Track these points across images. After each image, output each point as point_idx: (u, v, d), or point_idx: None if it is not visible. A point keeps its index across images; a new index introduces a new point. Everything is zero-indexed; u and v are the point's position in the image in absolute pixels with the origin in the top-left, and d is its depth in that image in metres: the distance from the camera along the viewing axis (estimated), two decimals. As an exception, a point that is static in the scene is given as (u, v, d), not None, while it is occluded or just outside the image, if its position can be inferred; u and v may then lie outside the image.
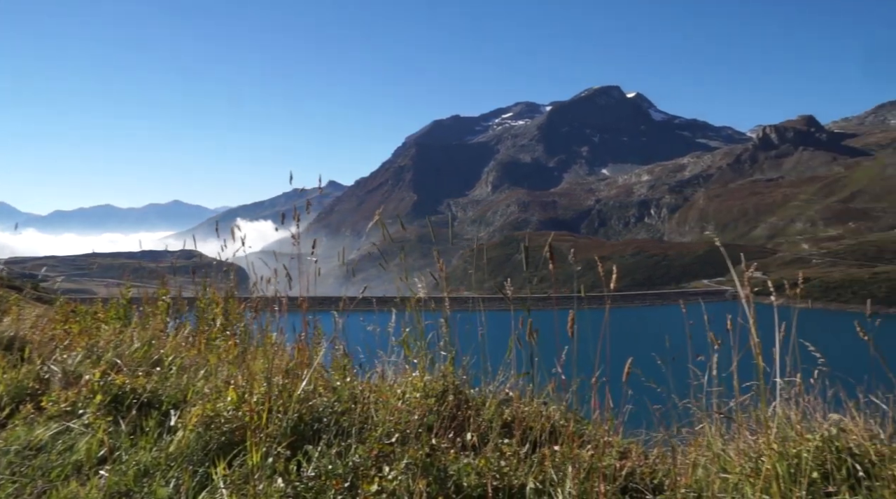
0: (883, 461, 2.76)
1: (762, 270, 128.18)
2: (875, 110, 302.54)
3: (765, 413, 2.59)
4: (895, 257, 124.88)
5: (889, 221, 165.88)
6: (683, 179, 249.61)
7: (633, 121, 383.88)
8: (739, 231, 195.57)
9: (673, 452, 2.58)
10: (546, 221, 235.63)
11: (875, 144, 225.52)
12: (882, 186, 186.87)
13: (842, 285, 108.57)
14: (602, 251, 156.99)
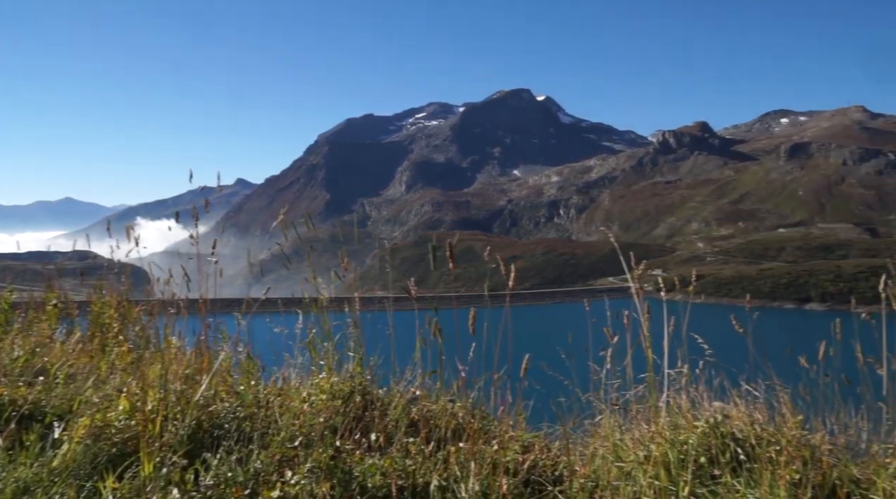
0: (762, 444, 2.98)
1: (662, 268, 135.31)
2: (760, 118, 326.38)
3: (654, 403, 2.73)
4: (778, 255, 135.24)
5: (773, 221, 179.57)
6: (590, 180, 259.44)
7: (542, 123, 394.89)
8: (642, 230, 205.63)
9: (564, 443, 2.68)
10: (459, 220, 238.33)
11: (761, 149, 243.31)
12: (767, 189, 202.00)
13: (732, 281, 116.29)
14: (514, 250, 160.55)
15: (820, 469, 2.78)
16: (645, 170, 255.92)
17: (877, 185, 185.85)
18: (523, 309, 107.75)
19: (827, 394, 3.07)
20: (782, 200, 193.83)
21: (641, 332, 2.69)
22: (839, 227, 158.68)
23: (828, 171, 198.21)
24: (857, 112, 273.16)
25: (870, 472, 2.65)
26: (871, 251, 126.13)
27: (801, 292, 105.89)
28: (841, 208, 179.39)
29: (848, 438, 3.13)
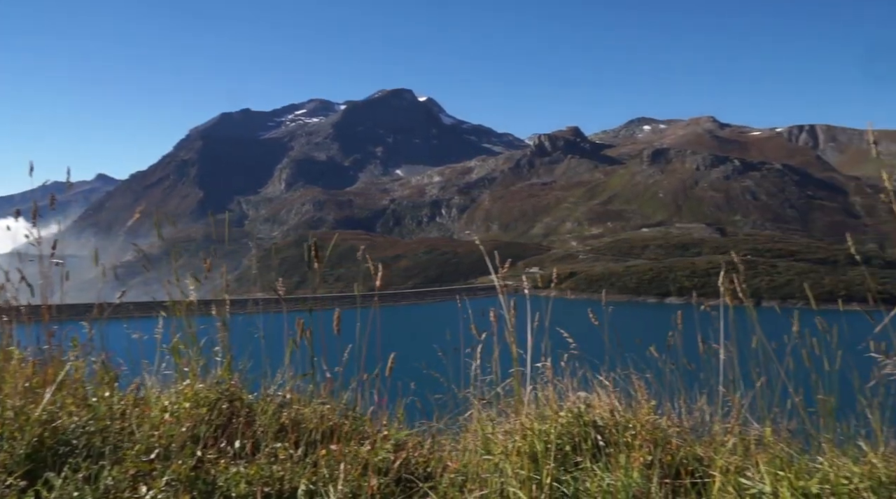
0: (619, 430, 3.18)
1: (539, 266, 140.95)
2: (626, 125, 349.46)
3: (518, 395, 2.84)
4: (642, 253, 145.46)
5: (638, 221, 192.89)
6: (471, 181, 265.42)
7: (424, 124, 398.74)
8: (520, 230, 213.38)
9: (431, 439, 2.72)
10: (342, 220, 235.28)
11: (626, 154, 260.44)
12: (632, 191, 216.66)
13: (602, 278, 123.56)
14: (397, 249, 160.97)
15: (669, 450, 3.01)
16: (522, 172, 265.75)
17: (725, 188, 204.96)
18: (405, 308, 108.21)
19: (675, 380, 3.34)
20: (645, 201, 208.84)
21: (506, 328, 2.79)
22: (693, 227, 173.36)
23: (684, 175, 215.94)
24: (708, 122, 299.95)
25: (711, 450, 2.90)
26: (720, 249, 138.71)
27: (662, 287, 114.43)
28: (695, 210, 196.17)
29: (694, 420, 3.41)
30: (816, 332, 3.11)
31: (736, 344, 3.15)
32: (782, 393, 3.09)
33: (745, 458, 2.73)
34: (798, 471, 2.49)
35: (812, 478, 2.43)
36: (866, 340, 2.80)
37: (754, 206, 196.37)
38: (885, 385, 2.79)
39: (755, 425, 3.10)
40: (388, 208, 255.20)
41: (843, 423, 2.96)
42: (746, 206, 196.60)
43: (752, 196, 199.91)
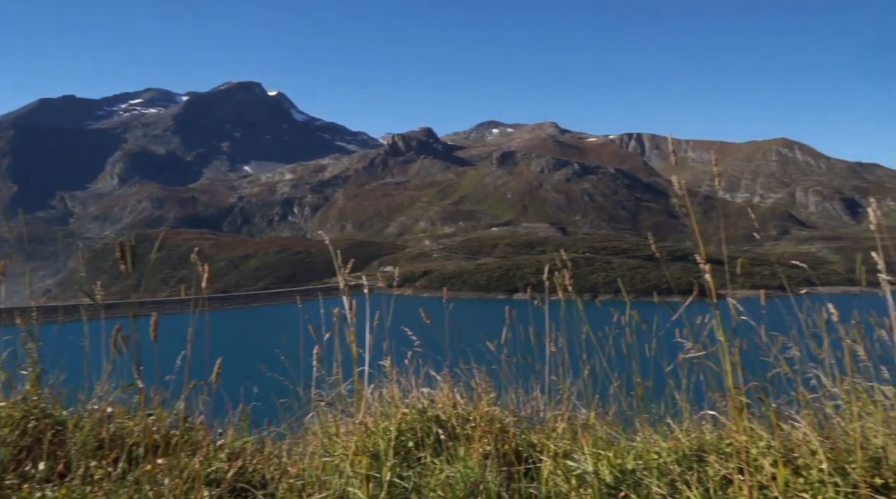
0: (461, 424, 3.27)
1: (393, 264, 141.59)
2: (476, 128, 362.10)
3: (358, 395, 2.83)
4: (492, 251, 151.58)
5: (488, 221, 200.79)
6: (324, 179, 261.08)
7: (275, 119, 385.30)
8: (375, 229, 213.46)
9: (262, 444, 2.64)
10: (184, 218, 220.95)
11: (477, 156, 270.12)
12: (482, 192, 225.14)
13: (455, 276, 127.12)
14: (246, 249, 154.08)
15: (506, 440, 3.15)
16: (376, 171, 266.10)
17: (566, 190, 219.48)
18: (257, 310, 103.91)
19: (513, 373, 3.51)
20: (494, 202, 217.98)
21: (347, 328, 2.77)
22: (538, 226, 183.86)
23: (529, 177, 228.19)
24: (551, 127, 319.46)
25: (543, 437, 3.08)
26: (562, 247, 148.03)
27: (510, 284, 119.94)
28: (540, 210, 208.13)
29: (530, 409, 3.60)
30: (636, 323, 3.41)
31: (566, 336, 3.37)
32: (605, 380, 3.35)
33: (573, 442, 2.93)
34: (617, 450, 2.72)
35: (628, 456, 2.66)
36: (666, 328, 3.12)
37: (592, 207, 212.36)
38: (688, 368, 3.12)
39: (583, 411, 3.33)
40: (237, 206, 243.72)
41: (656, 403, 3.27)
42: (585, 207, 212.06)
43: (589, 198, 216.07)
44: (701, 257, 2.29)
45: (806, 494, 2.34)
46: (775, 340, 3.41)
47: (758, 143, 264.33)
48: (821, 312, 3.33)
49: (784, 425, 2.88)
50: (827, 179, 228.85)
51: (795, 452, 2.62)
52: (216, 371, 2.47)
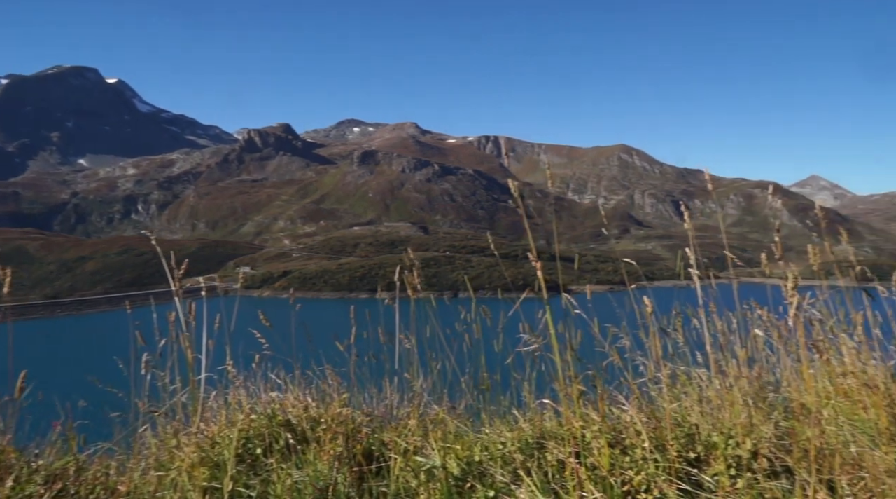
0: (313, 427, 3.21)
1: (251, 265, 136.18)
2: (337, 126, 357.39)
3: (196, 403, 2.69)
4: (354, 250, 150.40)
5: (349, 220, 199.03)
6: (173, 175, 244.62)
7: (115, 109, 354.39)
8: (230, 228, 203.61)
9: (88, 462, 2.44)
10: (6, 215, 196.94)
11: (338, 154, 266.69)
12: (343, 191, 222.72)
13: (317, 276, 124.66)
14: (82, 250, 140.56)
15: (359, 440, 3.14)
16: (231, 167, 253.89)
17: (427, 190, 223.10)
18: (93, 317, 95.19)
19: (366, 372, 3.50)
20: (356, 201, 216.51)
21: (182, 333, 2.61)
22: (400, 225, 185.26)
23: (391, 176, 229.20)
24: (412, 127, 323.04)
25: (396, 434, 3.11)
26: (423, 246, 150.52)
27: (373, 283, 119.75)
28: (401, 209, 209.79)
29: (384, 408, 3.62)
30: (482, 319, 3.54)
31: (416, 334, 3.43)
32: (456, 375, 3.45)
33: (424, 438, 2.98)
34: (465, 443, 2.81)
35: (476, 448, 2.76)
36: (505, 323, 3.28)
37: (452, 207, 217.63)
38: (531, 360, 3.30)
39: (435, 407, 3.41)
40: (70, 203, 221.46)
41: (503, 396, 3.42)
42: (445, 207, 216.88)
43: (449, 198, 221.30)
44: (532, 255, 2.43)
45: (631, 471, 2.56)
46: (608, 331, 3.70)
47: (602, 148, 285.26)
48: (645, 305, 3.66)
49: (615, 409, 3.14)
50: (660, 182, 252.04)
51: (624, 433, 2.86)
52: (19, 386, 2.23)
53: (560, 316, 3.41)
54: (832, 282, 3.93)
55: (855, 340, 3.49)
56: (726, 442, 2.72)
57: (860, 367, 3.40)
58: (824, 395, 3.35)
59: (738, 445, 2.64)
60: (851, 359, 3.42)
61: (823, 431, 2.94)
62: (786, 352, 3.31)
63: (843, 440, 2.80)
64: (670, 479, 2.48)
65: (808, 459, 2.58)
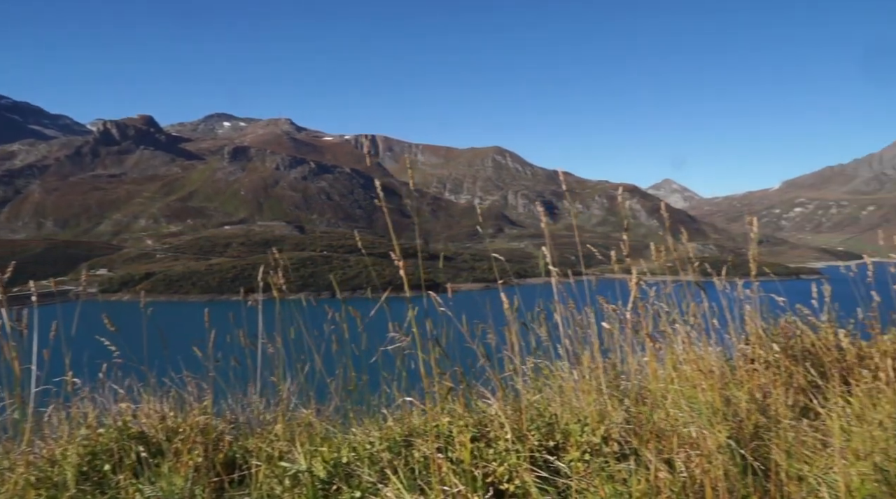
0: (170, 438, 3.03)
1: (108, 267, 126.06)
2: (205, 120, 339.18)
3: (28, 420, 2.46)
4: (225, 251, 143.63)
5: (220, 218, 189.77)
6: (14, 168, 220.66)
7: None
8: (83, 227, 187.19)
9: None
10: None
11: (206, 149, 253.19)
12: (213, 188, 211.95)
13: (183, 278, 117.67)
14: None
15: (222, 448, 3.01)
16: (84, 161, 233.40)
17: (303, 188, 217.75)
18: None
19: (228, 377, 3.36)
20: (227, 198, 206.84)
21: (6, 343, 2.36)
22: (275, 224, 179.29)
23: (264, 174, 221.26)
24: (286, 124, 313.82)
25: (260, 441, 3.01)
26: (300, 246, 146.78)
27: (247, 285, 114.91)
28: (276, 208, 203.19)
29: (249, 414, 3.49)
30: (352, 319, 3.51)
31: (282, 336, 3.33)
32: (325, 377, 3.39)
33: (290, 442, 2.91)
34: (332, 445, 2.77)
35: (343, 449, 2.73)
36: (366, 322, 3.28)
37: (329, 206, 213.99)
38: (400, 359, 3.32)
39: (303, 410, 3.33)
40: None
41: (374, 395, 3.42)
42: (322, 205, 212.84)
43: (326, 197, 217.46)
44: (396, 254, 2.45)
45: (494, 462, 2.65)
46: (476, 327, 3.81)
47: (477, 149, 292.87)
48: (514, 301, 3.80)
49: (481, 403, 3.23)
50: (532, 183, 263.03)
51: (488, 426, 2.96)
52: None
53: (430, 314, 3.46)
54: (679, 277, 4.30)
55: (693, 330, 3.84)
56: (582, 429, 2.90)
57: (698, 354, 3.75)
58: (668, 381, 3.65)
59: (592, 431, 2.82)
60: (689, 347, 3.76)
61: (668, 413, 3.21)
62: (631, 342, 3.57)
63: (683, 421, 3.07)
64: (530, 467, 2.59)
65: (652, 440, 2.80)
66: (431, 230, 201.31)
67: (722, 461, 2.67)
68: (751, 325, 3.95)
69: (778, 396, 3.57)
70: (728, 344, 4.08)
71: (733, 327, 4.09)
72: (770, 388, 3.52)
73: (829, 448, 3.03)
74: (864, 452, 2.81)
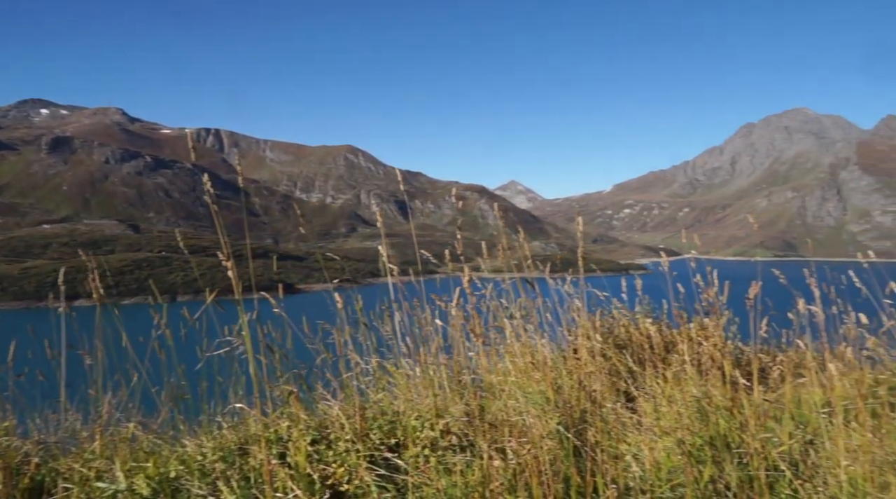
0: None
1: None
2: (18, 105, 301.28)
3: None
4: (43, 252, 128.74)
5: (36, 216, 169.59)
6: None
7: None
8: None
9: None
10: None
11: (19, 139, 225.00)
12: (28, 182, 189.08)
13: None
14: None
15: (28, 473, 2.69)
16: None
17: (137, 184, 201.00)
18: None
19: (35, 392, 3.02)
20: (46, 194, 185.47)
21: None
22: (104, 223, 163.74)
23: (92, 167, 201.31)
24: (117, 114, 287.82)
25: (74, 460, 2.73)
26: (134, 246, 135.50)
27: (70, 290, 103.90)
28: (106, 205, 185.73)
29: (64, 432, 3.15)
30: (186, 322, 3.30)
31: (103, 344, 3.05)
32: (155, 386, 3.16)
33: (110, 460, 2.68)
34: (158, 459, 2.59)
35: (171, 463, 2.56)
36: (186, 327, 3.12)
37: (168, 203, 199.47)
38: (238, 364, 3.18)
39: (128, 425, 3.08)
40: None
41: (209, 403, 3.24)
42: (160, 203, 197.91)
43: (165, 194, 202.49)
44: (224, 255, 2.34)
45: (334, 464, 2.63)
46: (319, 328, 3.75)
47: (328, 147, 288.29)
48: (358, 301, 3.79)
49: (323, 405, 3.18)
50: (384, 183, 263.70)
51: (329, 428, 2.92)
52: None
53: (269, 317, 3.35)
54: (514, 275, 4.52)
55: (528, 324, 4.07)
56: (423, 425, 2.95)
57: (532, 346, 3.97)
58: (505, 373, 3.84)
59: (431, 426, 2.88)
60: (525, 340, 3.98)
61: (505, 404, 3.37)
62: (465, 337, 3.70)
63: (518, 411, 3.24)
64: (370, 466, 2.60)
65: (489, 431, 2.93)
66: (282, 229, 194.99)
67: (550, 446, 2.85)
68: (578, 318, 4.26)
69: (602, 382, 3.88)
70: (561, 337, 4.38)
71: (565, 321, 4.40)
72: (595, 375, 3.83)
73: (644, 427, 3.35)
74: (671, 429, 3.14)
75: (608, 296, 4.48)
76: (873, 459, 2.70)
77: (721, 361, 3.49)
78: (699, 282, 4.04)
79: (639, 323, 4.30)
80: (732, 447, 2.96)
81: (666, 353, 4.16)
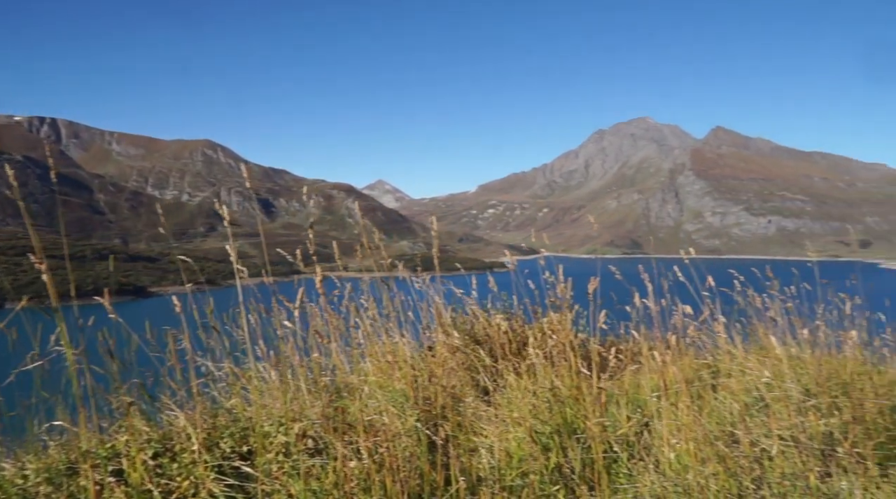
0: None
1: None
2: None
3: None
4: None
5: None
6: None
7: None
8: None
9: None
10: None
11: None
12: None
13: None
14: None
15: None
16: None
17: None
18: None
19: None
20: None
21: None
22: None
23: None
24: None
25: None
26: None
27: None
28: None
29: None
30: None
31: None
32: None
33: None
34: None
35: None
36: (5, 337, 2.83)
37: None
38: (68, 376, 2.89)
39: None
40: None
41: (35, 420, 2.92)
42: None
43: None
44: (37, 257, 2.13)
45: (179, 477, 2.47)
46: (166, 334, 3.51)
47: (184, 142, 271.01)
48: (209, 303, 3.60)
49: (168, 415, 2.99)
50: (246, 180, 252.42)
51: (175, 439, 2.74)
52: None
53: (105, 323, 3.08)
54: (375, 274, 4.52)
55: (389, 322, 4.09)
56: (277, 430, 2.86)
57: (393, 345, 3.99)
58: (366, 373, 3.83)
59: (286, 431, 2.80)
60: (386, 339, 3.99)
61: (365, 405, 3.35)
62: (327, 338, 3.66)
63: (377, 410, 3.24)
64: (218, 477, 2.48)
65: (347, 433, 2.90)
66: (131, 229, 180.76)
67: (407, 443, 2.88)
68: (438, 315, 4.34)
69: (460, 378, 3.99)
70: (421, 335, 4.44)
71: (426, 318, 4.46)
72: (453, 371, 3.92)
73: (499, 419, 3.48)
74: (523, 419, 3.29)
75: (463, 293, 4.61)
76: (696, 436, 3.00)
77: (569, 353, 3.71)
78: (549, 278, 4.27)
79: (495, 319, 4.46)
80: (578, 433, 3.16)
81: (521, 347, 4.35)
